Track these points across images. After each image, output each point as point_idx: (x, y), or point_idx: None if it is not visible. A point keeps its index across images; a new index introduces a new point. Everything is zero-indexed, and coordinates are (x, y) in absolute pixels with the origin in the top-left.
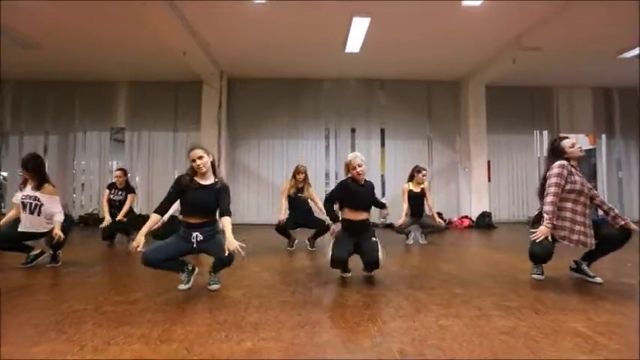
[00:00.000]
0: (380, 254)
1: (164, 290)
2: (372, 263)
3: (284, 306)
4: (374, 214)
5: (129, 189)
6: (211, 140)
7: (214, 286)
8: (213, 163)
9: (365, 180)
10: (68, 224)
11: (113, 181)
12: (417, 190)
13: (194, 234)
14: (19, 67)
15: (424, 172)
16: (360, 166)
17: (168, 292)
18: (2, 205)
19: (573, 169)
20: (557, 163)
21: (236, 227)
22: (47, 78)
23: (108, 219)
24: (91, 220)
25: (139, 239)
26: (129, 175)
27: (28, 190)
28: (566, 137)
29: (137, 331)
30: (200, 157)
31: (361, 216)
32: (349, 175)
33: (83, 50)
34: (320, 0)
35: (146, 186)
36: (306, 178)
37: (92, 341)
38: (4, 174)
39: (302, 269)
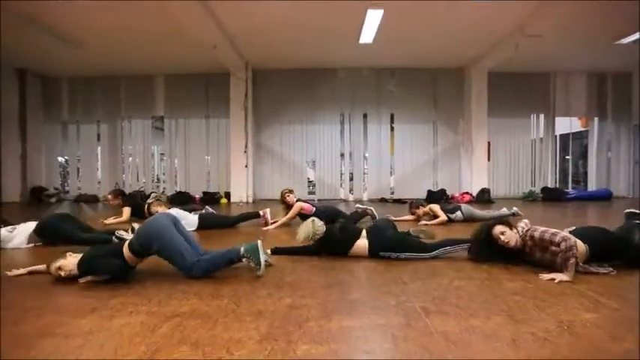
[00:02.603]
0: None
1: None
2: None
3: (314, 269)
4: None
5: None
6: (239, 126)
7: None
8: None
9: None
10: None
11: None
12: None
13: None
14: (71, 65)
15: (414, 209)
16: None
17: None
18: (66, 184)
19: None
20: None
21: (261, 202)
22: (96, 74)
23: None
24: (138, 196)
25: None
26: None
27: None
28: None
29: (192, 289)
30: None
31: None
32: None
33: (124, 49)
34: None
35: (183, 167)
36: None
37: (157, 296)
38: (66, 157)
39: None
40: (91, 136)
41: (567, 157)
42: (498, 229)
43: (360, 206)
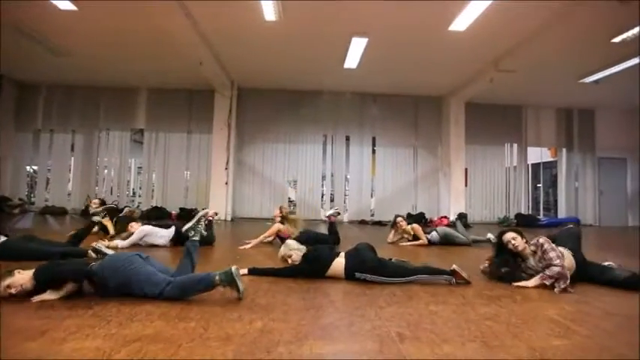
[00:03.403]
0: None
1: None
2: None
3: (289, 291)
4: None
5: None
6: (221, 142)
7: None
8: None
9: None
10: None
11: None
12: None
13: None
14: (51, 73)
15: (399, 219)
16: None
17: None
18: (32, 195)
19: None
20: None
21: (241, 220)
22: (76, 83)
23: None
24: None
25: None
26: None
27: None
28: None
29: (157, 310)
30: None
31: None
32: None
33: (109, 59)
34: (324, 20)
35: (161, 182)
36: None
37: (117, 317)
38: (35, 167)
39: None
40: (65, 146)
41: (538, 185)
42: (510, 234)
43: (327, 213)
